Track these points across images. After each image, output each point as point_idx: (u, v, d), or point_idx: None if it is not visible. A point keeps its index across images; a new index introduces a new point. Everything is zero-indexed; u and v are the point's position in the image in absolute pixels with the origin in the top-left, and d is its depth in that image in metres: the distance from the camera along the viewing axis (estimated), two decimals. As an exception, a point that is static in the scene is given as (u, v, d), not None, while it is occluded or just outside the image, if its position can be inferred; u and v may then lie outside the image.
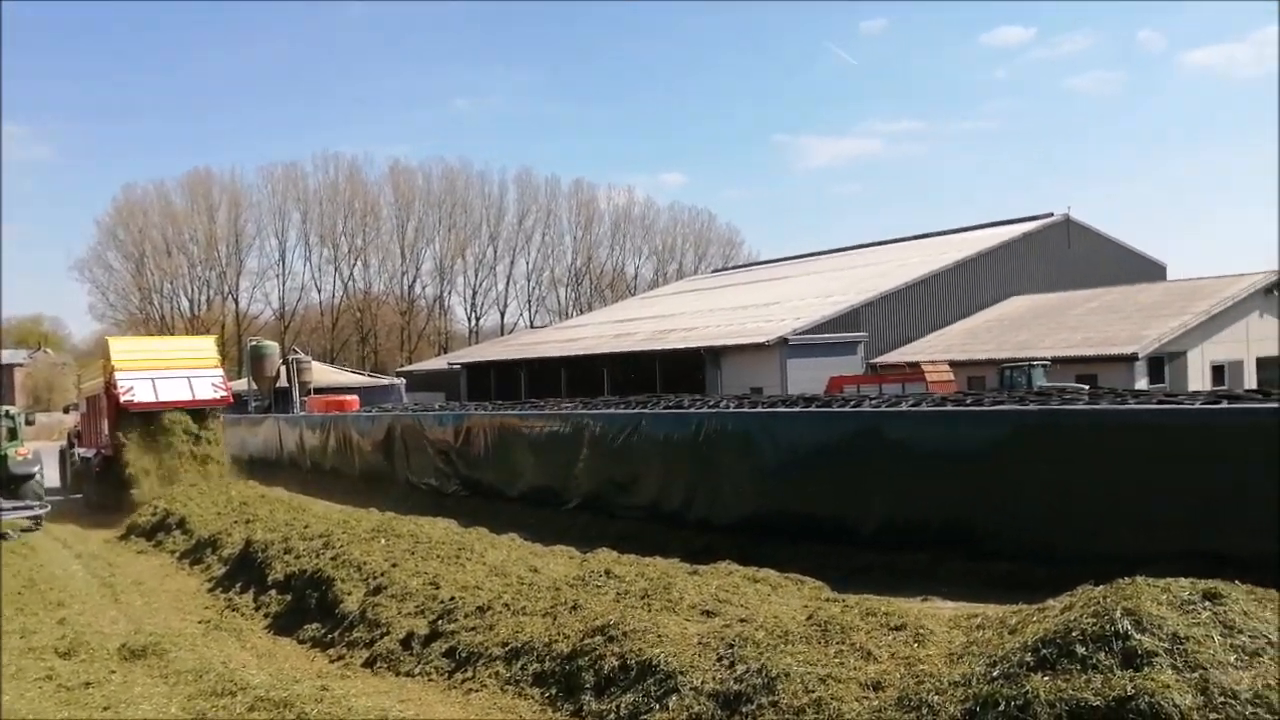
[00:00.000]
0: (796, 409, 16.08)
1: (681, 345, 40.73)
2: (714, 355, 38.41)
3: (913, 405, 15.03)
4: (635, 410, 17.77)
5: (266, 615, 11.77)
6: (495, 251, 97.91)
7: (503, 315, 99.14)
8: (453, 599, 9.47)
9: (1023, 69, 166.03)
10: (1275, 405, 11.05)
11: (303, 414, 33.58)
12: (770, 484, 13.54)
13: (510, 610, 8.80)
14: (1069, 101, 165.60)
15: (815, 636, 6.47)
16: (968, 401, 15.79)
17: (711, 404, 19.33)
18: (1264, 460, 9.54)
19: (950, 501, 11.60)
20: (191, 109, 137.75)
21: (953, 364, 34.36)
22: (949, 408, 14.07)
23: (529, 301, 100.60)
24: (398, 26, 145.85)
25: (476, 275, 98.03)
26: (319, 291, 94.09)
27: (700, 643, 6.79)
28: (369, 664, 9.18)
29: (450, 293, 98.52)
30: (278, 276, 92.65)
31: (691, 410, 17.04)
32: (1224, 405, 11.49)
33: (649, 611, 7.79)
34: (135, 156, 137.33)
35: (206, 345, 26.00)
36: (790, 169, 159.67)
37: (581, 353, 46.73)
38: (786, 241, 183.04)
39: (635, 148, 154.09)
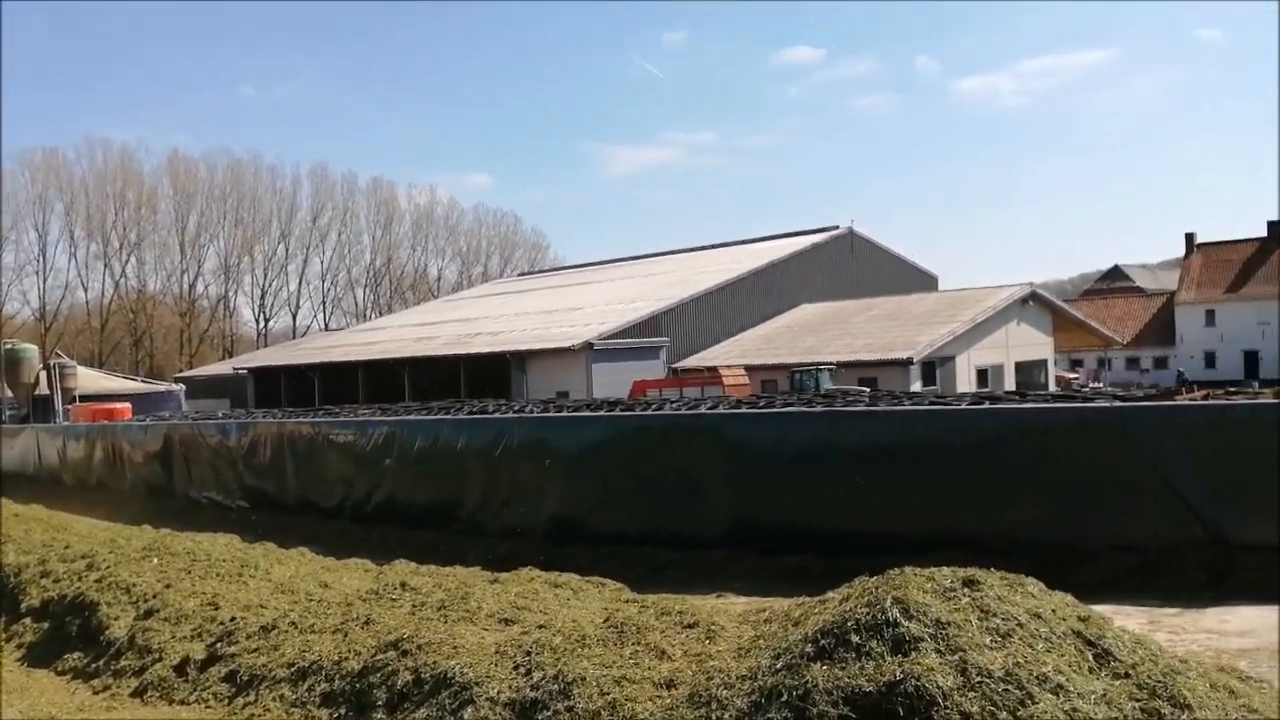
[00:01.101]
0: (592, 412, 16.24)
1: (487, 349, 40.29)
2: (520, 359, 38.25)
3: (710, 408, 15.55)
4: (436, 416, 17.40)
5: (19, 646, 10.71)
6: (287, 250, 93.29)
7: (294, 317, 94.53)
8: (234, 619, 8.92)
9: (813, 88, 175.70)
10: (1032, 406, 12.23)
11: (66, 424, 30.70)
12: (570, 488, 13.61)
13: (297, 628, 8.38)
14: (854, 120, 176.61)
15: (612, 639, 6.53)
16: (761, 404, 16.48)
17: (516, 409, 19.22)
18: (1029, 458, 10.53)
19: (740, 499, 12.08)
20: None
21: (748, 368, 35.79)
22: (722, 410, 14.63)
23: (324, 303, 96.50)
24: (174, 5, 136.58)
25: (266, 274, 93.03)
26: (85, 290, 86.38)
27: (498, 651, 6.72)
28: (138, 693, 8.49)
29: (236, 293, 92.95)
30: (37, 273, 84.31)
31: (495, 416, 16.87)
32: (987, 406, 12.58)
33: (446, 623, 7.64)
34: None
35: None
36: (596, 175, 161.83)
37: (380, 357, 45.29)
38: (592, 247, 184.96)
39: (439, 147, 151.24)
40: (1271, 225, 66.60)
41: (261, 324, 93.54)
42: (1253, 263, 65.83)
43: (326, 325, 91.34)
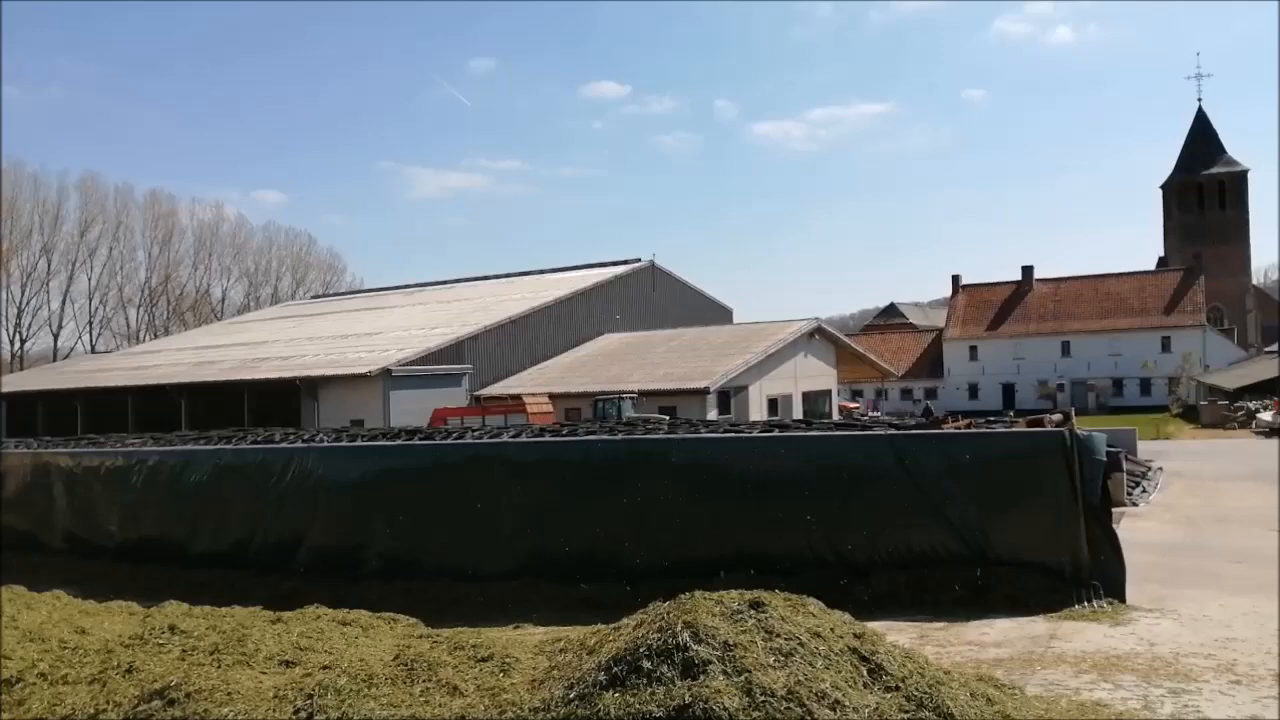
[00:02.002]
0: (387, 442, 15.75)
1: (275, 375, 38.22)
2: (311, 386, 36.53)
3: (514, 436, 15.41)
4: (214, 446, 16.31)
5: None
6: (49, 265, 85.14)
7: (56, 338, 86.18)
8: (-31, 674, 7.95)
9: (618, 122, 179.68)
10: (818, 434, 12.88)
11: None
12: (359, 519, 13.12)
13: (47, 680, 7.59)
14: (657, 156, 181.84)
15: (401, 677, 6.31)
16: (564, 432, 16.50)
17: (306, 438, 18.33)
18: (812, 483, 11.07)
19: (535, 528, 12.04)
20: None
21: (552, 396, 35.80)
22: (513, 439, 14.60)
23: (91, 323, 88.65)
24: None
25: (24, 291, 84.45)
26: None
27: (276, 696, 6.33)
28: None
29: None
30: None
31: (281, 445, 16.01)
32: (776, 433, 13.14)
33: (219, 667, 7.14)
34: None
35: None
36: (398, 197, 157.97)
37: (154, 382, 42.04)
38: (393, 271, 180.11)
39: (227, 160, 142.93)
40: (1024, 270, 73.88)
41: (17, 345, 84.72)
42: (1009, 303, 72.64)
43: (93, 348, 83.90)
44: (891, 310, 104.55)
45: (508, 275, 58.80)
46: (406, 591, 11.86)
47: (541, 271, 57.52)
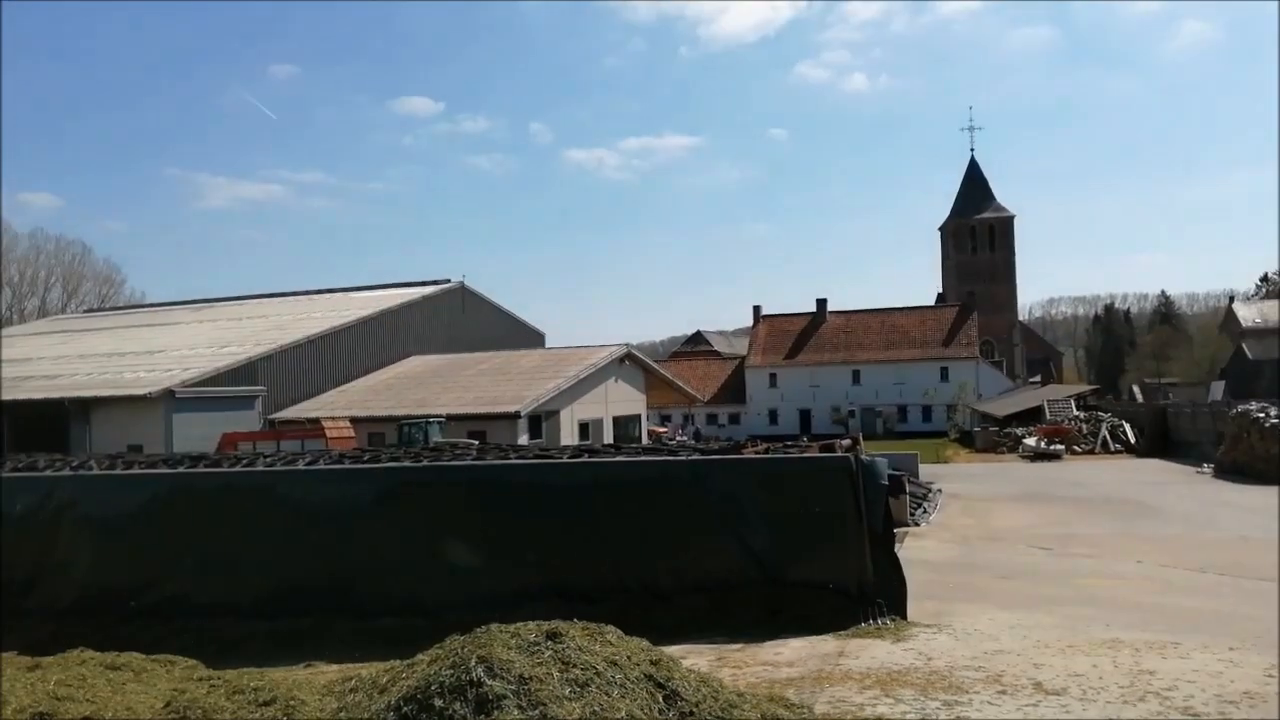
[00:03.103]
0: (169, 469, 14.70)
1: (40, 396, 34.90)
2: (83, 408, 33.58)
3: (309, 464, 14.71)
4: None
5: None
6: None
7: None
8: None
9: (430, 139, 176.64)
10: (623, 459, 13.02)
11: None
12: (132, 554, 12.14)
13: None
14: (470, 176, 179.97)
15: (173, 726, 5.84)
16: (365, 458, 15.91)
17: (73, 466, 16.79)
18: (612, 506, 11.15)
19: (332, 560, 11.53)
20: None
21: (354, 420, 34.47)
22: (317, 466, 14.03)
23: None
24: None
25: None
26: None
27: (24, 755, 5.71)
28: None
29: None
30: None
31: (44, 474, 14.59)
32: (586, 459, 13.19)
33: (-45, 725, 6.36)
34: None
35: None
36: (186, 207, 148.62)
37: (-105, 402, 37.43)
38: (179, 285, 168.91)
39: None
40: (819, 302, 78.16)
41: None
42: (805, 334, 76.59)
43: None
44: (698, 338, 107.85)
45: (308, 292, 56.38)
46: (187, 631, 11.08)
47: (345, 289, 55.53)
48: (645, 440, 41.23)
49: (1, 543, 12.72)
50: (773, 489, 10.89)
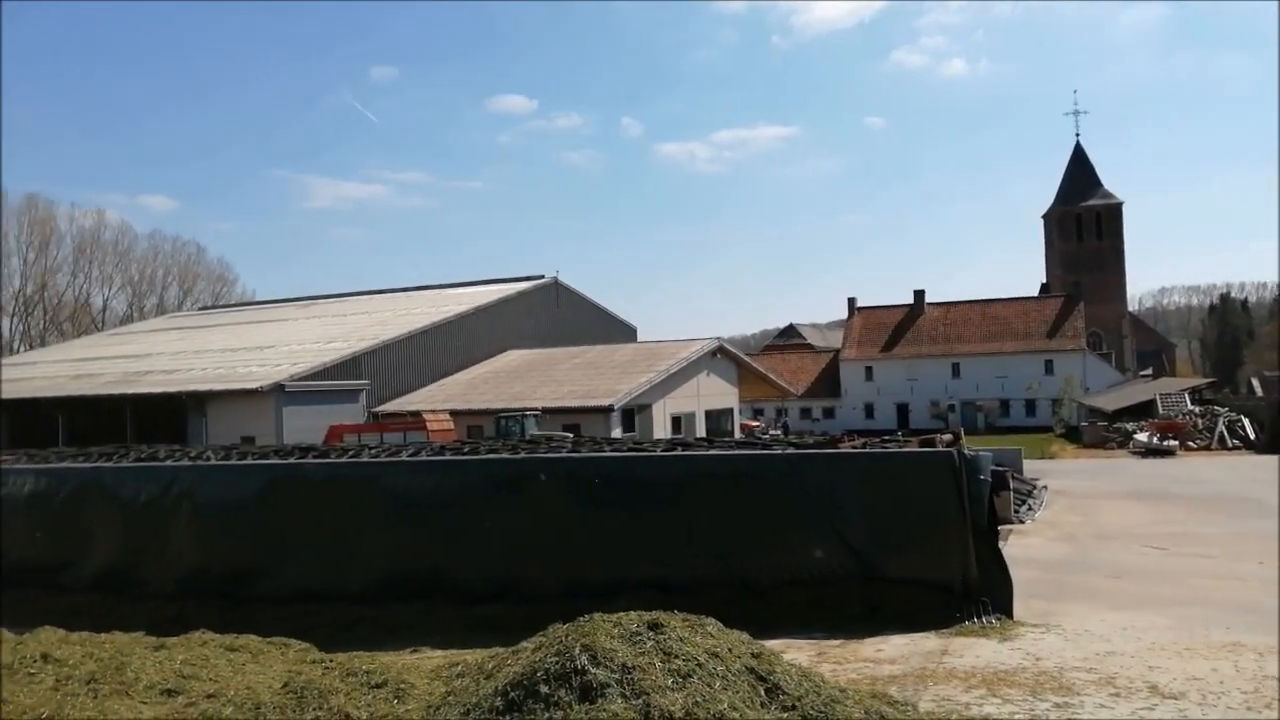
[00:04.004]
0: (280, 460, 15.28)
1: (159, 390, 36.67)
2: (199, 401, 35.17)
3: (412, 455, 15.12)
4: (92, 464, 15.54)
5: None
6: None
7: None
8: None
9: (524, 136, 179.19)
10: (718, 453, 13.01)
11: None
12: (252, 540, 12.68)
13: (-105, 719, 7.08)
14: (563, 172, 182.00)
15: (290, 705, 6.10)
16: (465, 450, 16.26)
17: (192, 456, 17.62)
18: (708, 500, 11.16)
19: (436, 550, 11.82)
20: None
21: (453, 413, 35.28)
22: (420, 458, 14.37)
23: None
24: None
25: (-117, 297, 79.19)
26: None
27: (156, 728, 6.04)
28: None
29: None
30: None
31: (165, 464, 15.34)
32: (678, 452, 13.21)
33: (96, 698, 6.78)
34: None
35: None
36: (293, 207, 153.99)
37: (29, 395, 39.87)
38: (287, 283, 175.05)
39: (110, 164, 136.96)
40: (916, 294, 76.44)
41: (-125, 354, 79.32)
42: (902, 326, 75.04)
43: (-39, 358, 79.09)
44: (791, 331, 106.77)
45: (407, 289, 57.86)
46: (300, 615, 11.50)
47: (443, 286, 56.78)
48: (737, 434, 41.08)
49: (126, 528, 13.44)
50: (872, 484, 10.73)
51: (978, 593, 10.08)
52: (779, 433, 48.05)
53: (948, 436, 13.48)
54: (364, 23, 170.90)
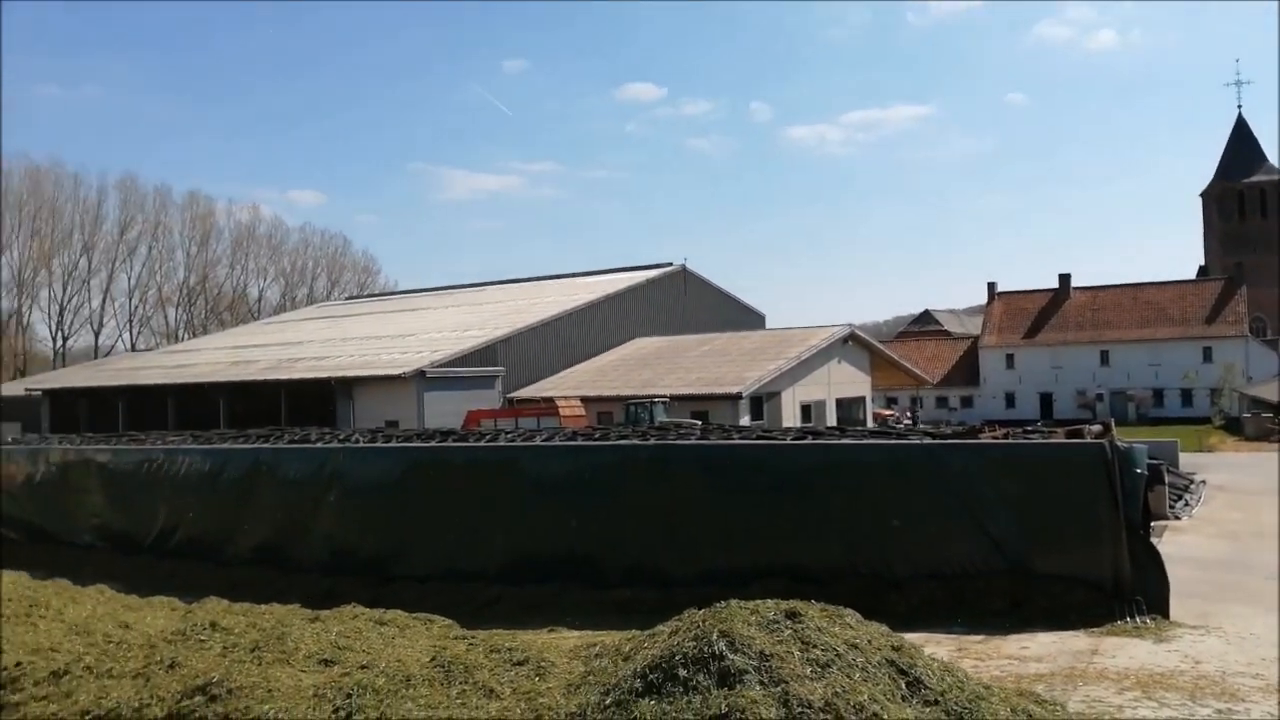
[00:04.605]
0: (439, 443, 15.85)
1: (310, 375, 38.66)
2: (346, 387, 36.90)
3: (545, 440, 15.46)
4: (252, 445, 16.52)
5: None
6: (90, 264, 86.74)
7: (97, 336, 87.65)
8: (19, 665, 8.15)
9: (651, 124, 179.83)
10: (851, 441, 12.79)
11: None
12: (400, 520, 13.23)
13: (93, 673, 7.73)
14: (690, 159, 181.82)
15: (438, 678, 6.35)
16: (596, 436, 16.52)
17: (341, 439, 18.51)
18: (841, 490, 11.00)
19: (570, 532, 12.06)
20: None
21: (584, 399, 35.87)
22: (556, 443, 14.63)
23: (131, 321, 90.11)
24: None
25: (65, 289, 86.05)
26: None
27: (316, 695, 6.40)
28: (-102, 753, 7.60)
29: (31, 307, 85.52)
30: None
31: (317, 445, 16.17)
32: (810, 441, 13.05)
33: (260, 665, 7.21)
34: None
35: None
36: (430, 199, 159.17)
37: (193, 380, 42.69)
38: (425, 272, 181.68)
39: (264, 162, 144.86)
40: (1062, 278, 72.96)
41: (59, 342, 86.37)
42: (1046, 311, 71.76)
43: (134, 345, 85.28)
44: (926, 317, 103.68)
45: (539, 278, 59.05)
46: (441, 592, 11.93)
47: (573, 275, 57.69)
48: (870, 423, 40.25)
49: (283, 506, 14.25)
50: (1016, 475, 10.35)
51: (1130, 591, 9.61)
52: (910, 422, 46.88)
53: (1097, 427, 12.83)
54: (496, 18, 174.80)
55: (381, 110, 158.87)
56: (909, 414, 60.41)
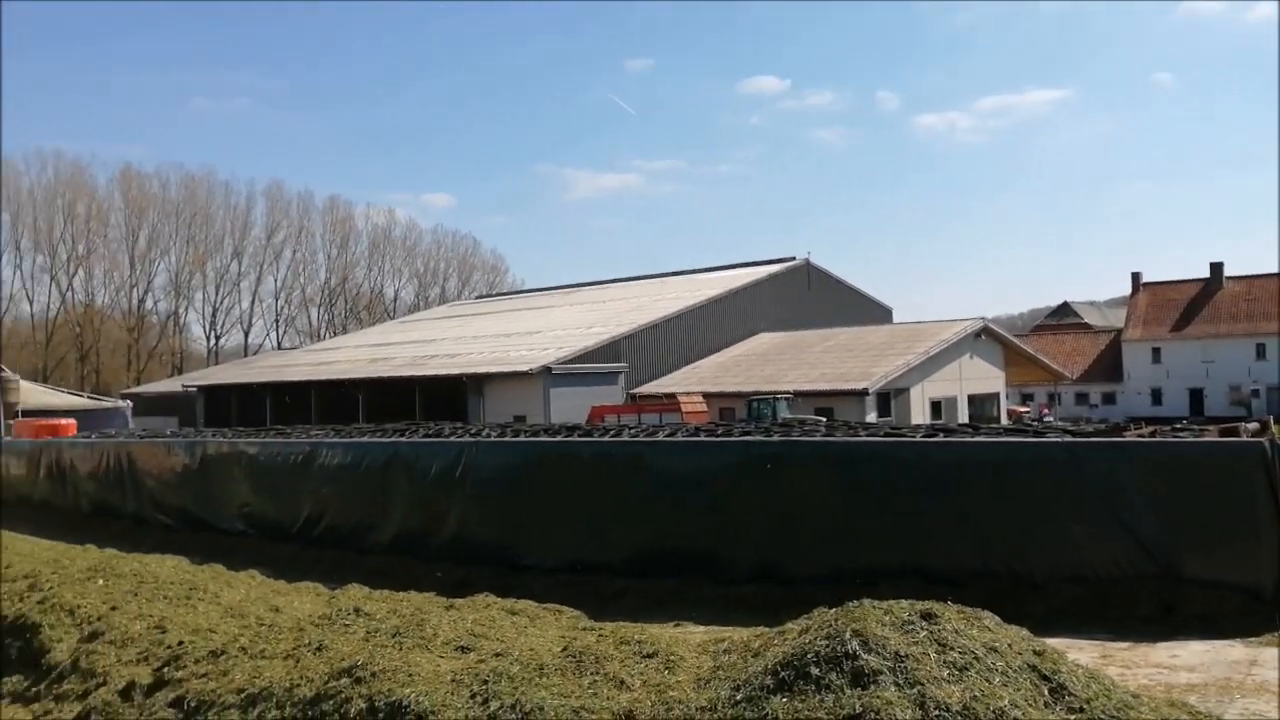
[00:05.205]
0: (565, 437, 16.17)
1: (443, 372, 40.00)
2: (477, 382, 38.03)
3: (668, 435, 15.56)
4: (391, 438, 17.21)
5: (-46, 671, 10.32)
6: (240, 267, 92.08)
7: (246, 335, 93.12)
8: (181, 643, 8.72)
9: (774, 117, 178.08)
10: (986, 439, 12.41)
11: (7, 439, 29.88)
12: (530, 513, 13.54)
13: (247, 654, 8.21)
14: (814, 151, 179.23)
15: (570, 668, 6.49)
16: (719, 432, 16.53)
17: (473, 433, 19.08)
18: (975, 489, 10.67)
19: (694, 527, 12.09)
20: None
21: (706, 395, 35.93)
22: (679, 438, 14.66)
23: (277, 321, 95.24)
24: (124, 13, 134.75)
25: (218, 291, 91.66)
26: (30, 303, 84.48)
27: (454, 680, 6.62)
28: (81, 718, 8.26)
29: (187, 309, 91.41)
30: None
31: (453, 439, 16.71)
32: (941, 438, 12.71)
33: (401, 650, 7.52)
34: None
35: None
36: (555, 199, 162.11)
37: (334, 377, 44.78)
38: (550, 271, 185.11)
39: (398, 167, 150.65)
40: (1214, 266, 68.67)
41: (212, 341, 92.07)
42: (1196, 303, 67.72)
43: (280, 344, 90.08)
44: (1065, 309, 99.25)
45: (661, 275, 59.37)
46: (568, 584, 12.15)
47: (695, 271, 57.78)
48: (1004, 420, 38.87)
49: (419, 498, 14.78)
50: (1166, 476, 9.81)
51: (1295, 601, 8.98)
52: (1051, 419, 45.02)
53: (1254, 425, 12.06)
54: (621, 17, 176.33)
55: (509, 115, 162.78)
56: (1046, 410, 58.06)
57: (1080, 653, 8.11)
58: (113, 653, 9.00)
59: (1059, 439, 11.48)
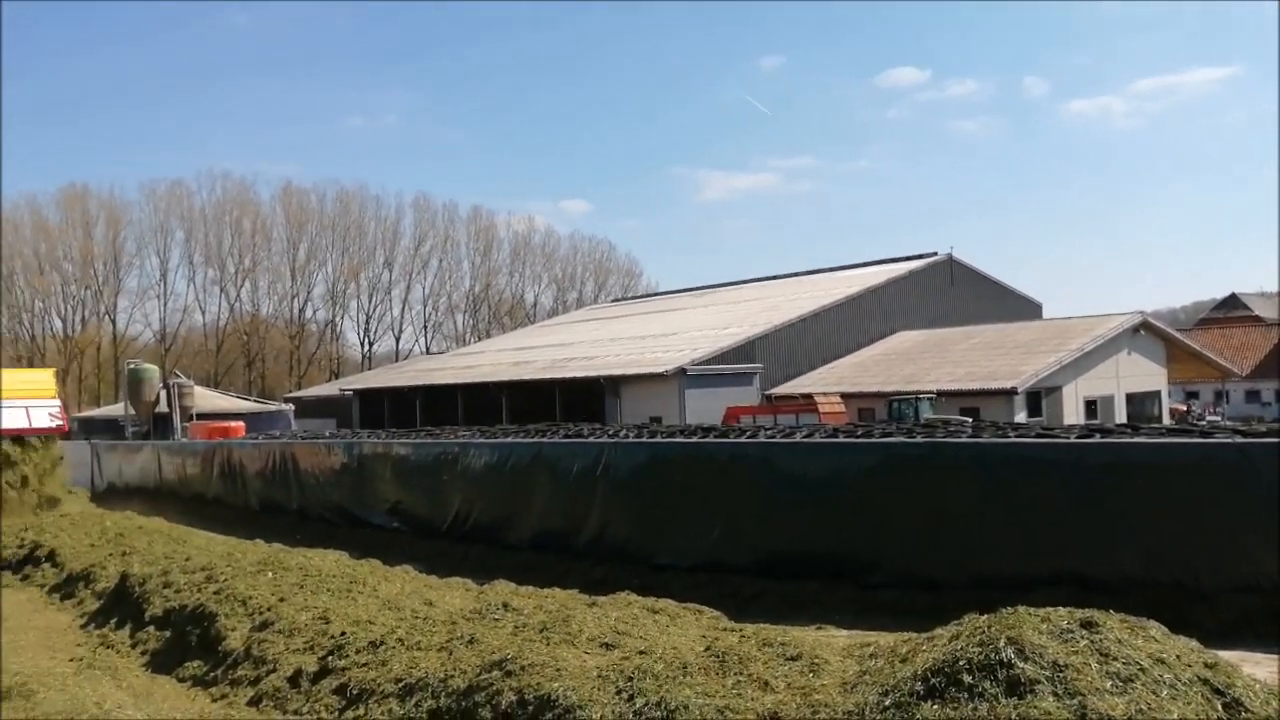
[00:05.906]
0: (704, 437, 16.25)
1: (581, 374, 40.73)
2: (613, 384, 38.55)
3: (806, 436, 15.40)
4: (534, 439, 17.68)
5: (144, 653, 11.20)
6: (390, 276, 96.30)
7: (397, 341, 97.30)
8: (343, 634, 9.20)
9: (913, 109, 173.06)
10: (1147, 440, 11.76)
11: (184, 440, 32.20)
12: (676, 512, 13.63)
13: (404, 645, 8.60)
14: (956, 143, 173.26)
15: (713, 667, 6.52)
16: (858, 433, 16.24)
17: (611, 433, 19.39)
18: (1136, 493, 10.13)
19: (835, 529, 11.92)
20: (62, 116, 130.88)
21: (844, 396, 35.29)
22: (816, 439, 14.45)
23: (425, 327, 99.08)
24: (281, 37, 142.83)
25: (370, 299, 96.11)
26: (203, 313, 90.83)
27: (600, 676, 6.76)
28: (254, 702, 8.82)
29: (343, 317, 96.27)
30: (158, 296, 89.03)
31: (591, 440, 17.04)
32: (1098, 439, 12.12)
33: (548, 645, 7.72)
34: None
35: (44, 376, 26.56)
36: (688, 201, 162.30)
37: (479, 380, 46.25)
38: (684, 273, 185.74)
39: (537, 175, 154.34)
40: None
41: (366, 347, 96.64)
42: (1387, 291, 62.12)
43: (428, 349, 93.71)
44: (1232, 301, 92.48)
45: (796, 274, 58.70)
46: (707, 584, 12.18)
47: (830, 269, 56.87)
48: (1166, 420, 36.66)
49: (560, 497, 15.12)
50: (1354, 479, 9.07)
51: None
52: (1218, 418, 42.17)
53: None
54: (754, 15, 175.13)
55: (643, 119, 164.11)
56: (1212, 409, 54.44)
57: (1257, 667, 7.59)
58: (281, 641, 9.58)
59: (1228, 439, 10.77)
